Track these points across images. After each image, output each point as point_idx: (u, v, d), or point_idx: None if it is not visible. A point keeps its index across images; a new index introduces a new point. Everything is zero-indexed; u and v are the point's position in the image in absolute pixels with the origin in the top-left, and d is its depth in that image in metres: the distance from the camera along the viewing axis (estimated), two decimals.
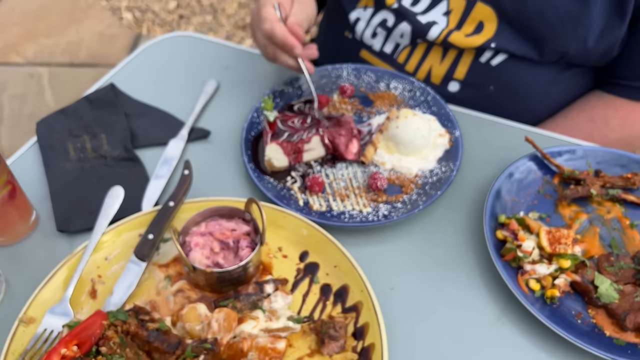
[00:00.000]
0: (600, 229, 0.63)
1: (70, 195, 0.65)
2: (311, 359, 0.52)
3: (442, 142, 0.69)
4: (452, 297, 0.58)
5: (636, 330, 0.54)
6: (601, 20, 0.71)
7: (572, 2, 0.71)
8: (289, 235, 0.61)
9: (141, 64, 0.84)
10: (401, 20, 0.81)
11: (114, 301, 0.55)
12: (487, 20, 0.76)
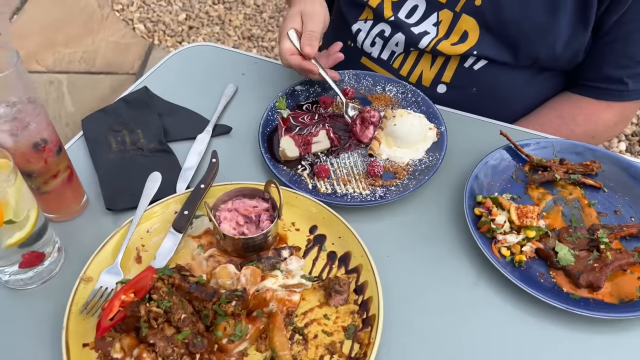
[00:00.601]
0: (563, 208, 0.74)
1: (115, 180, 0.77)
2: (320, 309, 0.63)
3: (430, 135, 0.81)
4: (437, 263, 0.69)
5: (588, 287, 0.65)
6: (568, 30, 0.83)
7: (543, 13, 0.83)
8: (300, 212, 0.72)
9: (169, 70, 0.97)
10: (397, 31, 0.93)
11: (157, 265, 0.66)
12: (471, 29, 0.88)
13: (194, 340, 0.55)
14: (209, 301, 0.58)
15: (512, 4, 0.83)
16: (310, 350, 0.60)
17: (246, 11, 2.70)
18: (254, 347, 0.60)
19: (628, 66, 0.85)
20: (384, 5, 0.93)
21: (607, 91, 0.88)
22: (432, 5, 0.90)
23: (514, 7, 0.83)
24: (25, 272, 0.65)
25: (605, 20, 0.83)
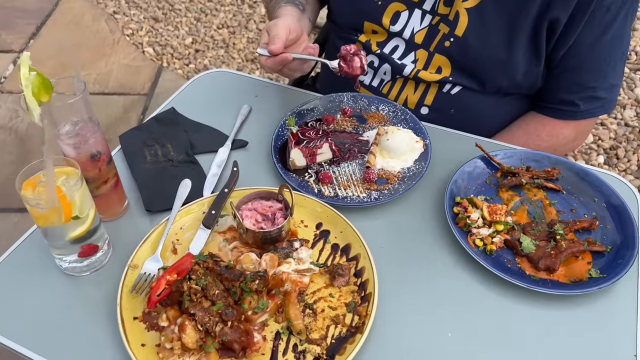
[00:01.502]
0: (528, 207, 0.88)
1: (151, 186, 0.91)
2: (326, 289, 0.77)
3: (417, 147, 0.95)
4: (423, 252, 0.83)
5: (546, 270, 0.79)
6: (524, 63, 0.99)
7: (502, 51, 0.98)
8: (308, 212, 0.86)
9: (192, 92, 1.11)
10: (384, 62, 1.09)
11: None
12: (444, 65, 1.04)
13: (225, 310, 0.69)
14: (236, 280, 0.72)
15: (475, 45, 0.99)
16: (318, 321, 0.74)
17: (249, 35, 2.87)
18: (272, 319, 0.73)
19: (578, 91, 1.01)
20: (371, 42, 1.09)
21: (563, 112, 1.04)
22: (410, 45, 1.06)
23: (477, 48, 0.99)
24: (81, 261, 0.79)
25: (555, 56, 0.98)
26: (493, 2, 0.97)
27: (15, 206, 1.94)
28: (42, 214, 0.71)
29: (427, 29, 1.05)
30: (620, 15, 0.96)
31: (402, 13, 1.06)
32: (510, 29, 0.97)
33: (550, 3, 0.94)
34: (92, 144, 0.77)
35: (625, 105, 2.38)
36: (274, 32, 0.93)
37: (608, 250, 0.81)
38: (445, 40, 1.02)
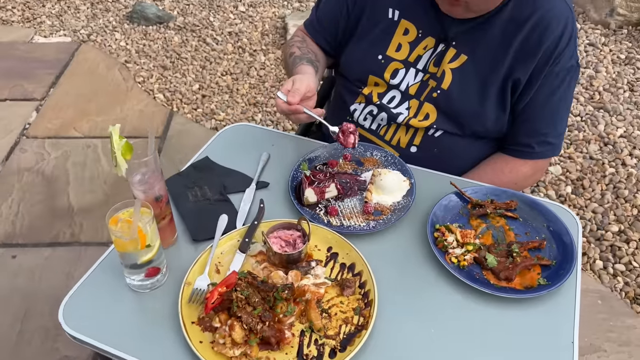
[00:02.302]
0: (492, 231, 1.13)
1: (195, 221, 1.14)
2: (338, 298, 1.00)
3: (405, 185, 1.20)
4: (411, 268, 1.07)
5: (505, 279, 1.02)
6: (493, 114, 1.25)
7: (477, 103, 1.25)
8: (320, 238, 1.10)
9: (221, 143, 1.36)
10: (381, 111, 1.35)
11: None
12: (431, 112, 1.30)
13: (264, 314, 0.91)
14: (270, 291, 0.95)
15: (457, 97, 1.25)
16: (332, 322, 0.96)
17: (251, 81, 3.15)
18: (298, 321, 0.96)
19: (534, 136, 1.28)
20: (373, 95, 1.35)
21: (522, 152, 1.30)
22: (404, 96, 1.32)
23: (458, 99, 1.25)
24: (147, 280, 1.01)
25: (516, 108, 1.25)
26: (472, 64, 1.24)
27: (47, 241, 2.15)
28: (124, 242, 0.94)
29: (419, 83, 1.31)
30: (565, 81, 1.23)
31: (400, 70, 1.32)
32: (483, 86, 1.24)
33: (514, 67, 1.21)
34: (156, 189, 1.01)
35: (590, 140, 2.67)
36: (297, 85, 1.17)
37: (553, 263, 1.06)
38: (433, 92, 1.29)
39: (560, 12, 1.18)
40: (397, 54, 1.31)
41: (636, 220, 2.25)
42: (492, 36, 1.22)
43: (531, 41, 1.19)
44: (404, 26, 1.30)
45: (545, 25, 1.18)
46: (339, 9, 1.38)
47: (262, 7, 3.85)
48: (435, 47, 1.28)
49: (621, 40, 3.34)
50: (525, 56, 1.20)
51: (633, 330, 1.87)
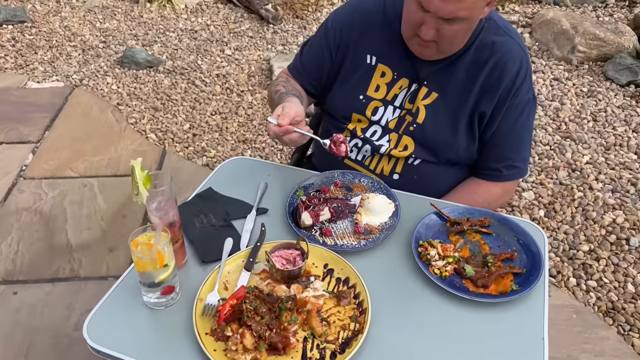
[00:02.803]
0: (469, 245, 1.27)
1: (203, 245, 1.26)
2: (335, 308, 1.12)
3: (390, 208, 1.34)
4: (399, 279, 1.19)
5: (482, 286, 1.16)
6: (463, 143, 1.41)
7: (449, 136, 1.41)
8: (317, 256, 1.22)
9: (222, 175, 1.49)
10: (365, 144, 1.50)
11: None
12: (409, 144, 1.45)
13: (271, 322, 1.03)
14: (276, 303, 1.06)
15: (430, 130, 1.41)
16: (331, 328, 1.08)
17: (239, 120, 3.31)
18: (301, 328, 1.07)
19: (501, 161, 1.44)
20: (357, 129, 1.51)
21: (492, 176, 1.46)
22: (385, 130, 1.48)
23: (432, 132, 1.41)
24: (162, 297, 1.12)
25: (484, 137, 1.42)
26: (442, 101, 1.41)
27: (47, 277, 2.23)
28: (144, 262, 1.05)
29: (397, 119, 1.47)
30: (525, 112, 1.40)
31: (380, 108, 1.48)
32: (454, 120, 1.41)
33: (479, 102, 1.38)
34: (171, 215, 1.13)
35: (559, 167, 2.86)
36: (286, 110, 1.26)
37: (524, 271, 1.20)
38: (410, 126, 1.44)
39: (515, 54, 1.36)
40: (376, 93, 1.48)
41: (605, 240, 2.42)
42: (458, 76, 1.39)
43: (492, 80, 1.36)
44: (381, 69, 1.47)
45: (502, 66, 1.35)
46: (322, 56, 1.53)
47: (248, 50, 4.05)
48: (409, 87, 1.44)
49: (583, 74, 3.60)
50: (487, 93, 1.37)
51: (607, 341, 2.00)
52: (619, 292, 2.19)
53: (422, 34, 1.28)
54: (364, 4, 1.48)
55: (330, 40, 1.51)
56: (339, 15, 1.53)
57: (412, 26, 1.31)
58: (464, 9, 1.21)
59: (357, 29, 1.47)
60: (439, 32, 1.26)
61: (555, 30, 3.75)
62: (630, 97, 3.37)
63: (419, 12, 1.26)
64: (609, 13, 4.12)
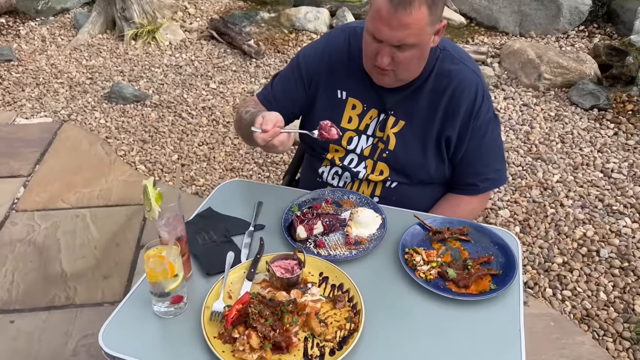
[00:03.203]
0: (450, 252, 1.39)
1: (206, 258, 1.35)
2: (332, 310, 1.22)
3: (377, 220, 1.46)
4: (388, 283, 1.30)
5: (463, 287, 1.27)
6: (433, 165, 1.55)
7: (418, 158, 1.54)
8: (312, 266, 1.33)
9: (220, 196, 1.60)
10: (345, 171, 1.63)
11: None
12: (384, 169, 1.59)
13: (274, 324, 1.13)
14: (278, 306, 1.16)
15: (402, 155, 1.55)
16: (329, 329, 1.18)
17: (226, 149, 3.42)
18: (301, 329, 1.17)
19: (476, 176, 1.58)
20: (335, 159, 1.64)
21: (470, 190, 1.60)
22: (361, 158, 1.61)
23: (403, 157, 1.55)
24: (171, 307, 1.21)
25: (455, 158, 1.56)
26: (409, 128, 1.55)
27: (43, 305, 2.27)
28: (156, 272, 1.15)
29: (371, 146, 1.60)
30: (488, 130, 1.55)
31: (354, 137, 1.61)
32: (422, 144, 1.55)
33: (444, 127, 1.52)
34: (178, 230, 1.23)
35: (532, 186, 3.03)
36: (267, 117, 1.31)
37: (500, 272, 1.32)
38: (383, 153, 1.58)
39: (471, 80, 1.50)
40: (349, 125, 1.61)
41: (577, 252, 2.57)
42: (421, 104, 1.53)
43: (452, 106, 1.50)
44: (351, 103, 1.59)
45: (460, 93, 1.50)
46: (295, 88, 1.62)
47: (232, 84, 4.20)
48: (379, 117, 1.58)
49: (550, 100, 3.83)
50: (450, 118, 1.51)
51: (582, 346, 2.12)
52: (592, 300, 2.33)
53: (379, 63, 1.40)
54: (332, 44, 1.60)
55: (303, 74, 1.61)
56: (309, 52, 1.64)
57: (370, 57, 1.44)
58: (411, 35, 1.33)
59: (327, 66, 1.59)
60: (394, 59, 1.39)
61: (522, 60, 3.99)
62: (594, 120, 3.59)
63: (373, 43, 1.39)
64: (571, 43, 4.41)
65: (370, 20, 1.37)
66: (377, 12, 1.33)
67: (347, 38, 1.58)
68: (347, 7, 5.00)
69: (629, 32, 4.15)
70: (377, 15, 1.33)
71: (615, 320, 2.23)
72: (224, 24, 4.83)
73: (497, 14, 4.63)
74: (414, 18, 1.30)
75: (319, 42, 1.64)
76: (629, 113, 3.60)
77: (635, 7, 4.15)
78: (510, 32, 4.61)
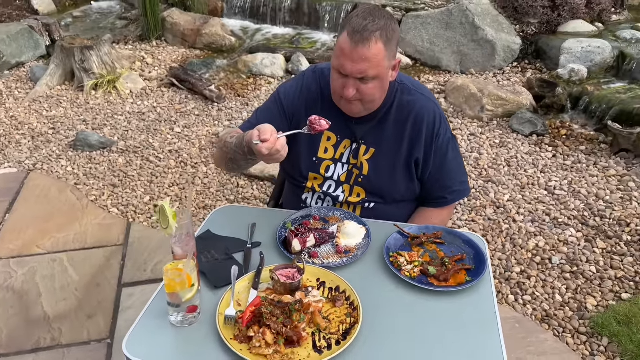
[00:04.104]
0: (429, 253, 1.58)
1: (212, 274, 1.48)
2: (332, 309, 1.37)
3: (362, 231, 1.64)
4: (377, 283, 1.47)
5: (443, 280, 1.46)
6: (404, 185, 1.76)
7: (390, 180, 1.75)
8: (310, 274, 1.48)
9: (215, 220, 1.73)
10: (326, 196, 1.81)
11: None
12: (361, 192, 1.78)
13: (285, 321, 1.27)
14: (286, 306, 1.30)
15: (375, 179, 1.74)
16: (333, 324, 1.33)
17: (197, 189, 3.53)
18: (308, 326, 1.31)
19: (444, 190, 1.80)
20: (315, 186, 1.82)
21: (440, 203, 1.82)
22: (338, 183, 1.80)
23: (376, 180, 1.74)
24: (187, 316, 1.32)
25: (423, 176, 1.77)
26: (380, 154, 1.75)
27: (28, 348, 2.28)
28: (175, 283, 1.27)
29: (346, 173, 1.79)
30: (449, 148, 1.78)
31: (331, 166, 1.80)
32: (392, 167, 1.75)
33: (412, 150, 1.74)
34: (190, 247, 1.36)
35: (486, 206, 3.30)
36: (262, 129, 1.41)
37: (473, 267, 1.52)
38: (358, 178, 1.78)
39: (428, 107, 1.73)
40: (326, 154, 1.80)
41: (532, 261, 2.82)
42: (388, 133, 1.74)
43: (415, 132, 1.73)
44: (326, 135, 1.79)
45: (421, 119, 1.72)
46: (279, 120, 1.77)
47: (196, 127, 4.34)
48: (351, 146, 1.78)
49: (493, 129, 4.19)
50: (415, 142, 1.73)
51: (546, 343, 2.34)
52: (550, 302, 2.57)
53: (346, 94, 1.60)
54: (306, 84, 1.79)
55: (285, 109, 1.79)
56: (288, 89, 1.82)
57: (338, 91, 1.64)
58: (372, 68, 1.54)
59: (305, 104, 1.78)
60: (359, 90, 1.60)
61: (466, 94, 4.37)
62: (534, 144, 3.96)
63: (340, 78, 1.60)
64: (507, 78, 4.85)
65: (336, 58, 1.59)
66: (341, 50, 1.55)
67: (318, 79, 1.79)
68: (300, 52, 5.31)
69: (555, 67, 4.63)
70: (341, 53, 1.55)
71: (572, 318, 2.46)
72: (184, 71, 5.01)
73: (439, 55, 5.05)
74: (372, 53, 1.52)
75: (295, 81, 1.84)
76: (564, 137, 4.00)
77: (559, 45, 4.66)
78: (452, 71, 5.02)
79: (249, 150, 1.53)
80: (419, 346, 1.30)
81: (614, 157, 3.69)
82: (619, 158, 3.67)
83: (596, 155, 3.73)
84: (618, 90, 4.19)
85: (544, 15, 4.94)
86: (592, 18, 5.08)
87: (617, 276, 2.69)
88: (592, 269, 2.74)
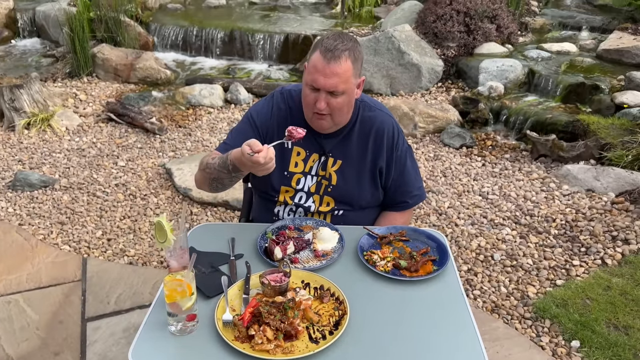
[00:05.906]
0: (397, 250, 1.76)
1: (203, 285, 1.56)
2: (321, 305, 1.50)
3: (335, 236, 1.79)
4: (355, 278, 1.62)
5: (414, 271, 1.64)
6: (369, 193, 1.94)
7: (357, 189, 1.92)
8: (294, 277, 1.60)
9: (195, 238, 1.81)
10: (298, 207, 1.95)
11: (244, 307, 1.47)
12: (330, 201, 1.94)
13: (282, 318, 1.38)
14: (280, 305, 1.42)
15: (343, 188, 1.91)
16: (323, 317, 1.46)
17: (149, 219, 3.53)
18: (301, 321, 1.43)
19: (405, 195, 1.99)
20: (287, 198, 1.96)
21: (402, 207, 2.01)
22: (308, 194, 1.95)
23: (344, 190, 1.91)
24: (187, 324, 1.40)
25: (386, 184, 1.97)
26: (346, 166, 1.93)
27: None
28: (177, 292, 1.35)
29: (316, 184, 1.95)
30: (407, 157, 1.99)
31: (301, 178, 1.95)
32: (358, 177, 1.93)
33: (375, 160, 1.93)
34: (184, 259, 1.45)
35: (430, 214, 3.56)
36: (251, 142, 1.54)
37: (437, 258, 1.71)
38: (327, 188, 1.94)
39: (387, 122, 1.94)
40: (296, 168, 1.95)
41: (476, 260, 3.09)
42: (353, 146, 1.92)
43: (377, 144, 1.92)
44: (296, 150, 1.94)
45: (381, 133, 1.93)
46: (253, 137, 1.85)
47: (140, 159, 4.34)
48: (320, 159, 1.95)
49: (427, 144, 4.52)
50: (378, 153, 1.92)
51: (498, 330, 2.57)
52: (497, 294, 2.82)
53: (318, 107, 1.77)
54: (276, 104, 1.94)
55: (258, 127, 1.94)
56: (259, 110, 1.97)
57: (310, 105, 1.81)
58: (341, 83, 1.73)
59: (276, 122, 1.93)
60: (330, 104, 1.77)
61: (399, 114, 4.68)
62: (465, 156, 4.31)
63: (312, 93, 1.78)
64: (434, 97, 5.25)
65: (308, 74, 1.76)
66: (314, 67, 1.73)
67: (286, 99, 1.95)
68: (238, 82, 5.45)
69: (475, 85, 5.08)
70: (315, 69, 1.73)
71: (517, 306, 2.73)
72: (122, 105, 4.99)
73: (370, 79, 5.37)
74: (342, 68, 1.71)
75: (264, 102, 1.98)
76: (490, 147, 4.39)
77: (477, 65, 5.12)
78: (384, 93, 5.36)
79: (233, 167, 1.65)
80: (401, 328, 1.45)
81: (535, 162, 4.10)
82: (539, 163, 4.09)
83: (520, 162, 4.13)
84: (532, 103, 4.68)
85: (461, 39, 5.43)
86: (503, 40, 5.64)
87: (551, 265, 3.00)
88: (529, 261, 3.04)
